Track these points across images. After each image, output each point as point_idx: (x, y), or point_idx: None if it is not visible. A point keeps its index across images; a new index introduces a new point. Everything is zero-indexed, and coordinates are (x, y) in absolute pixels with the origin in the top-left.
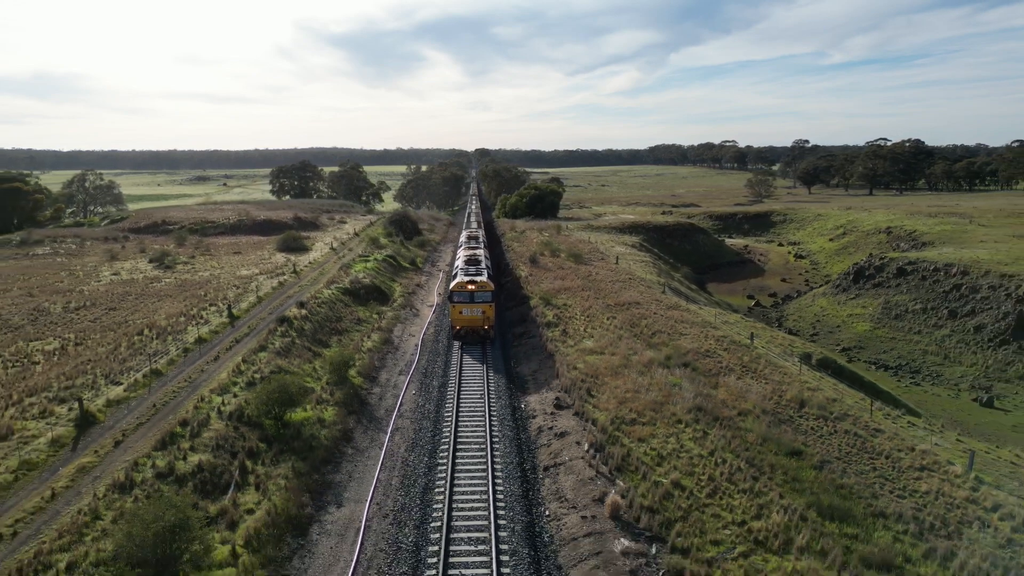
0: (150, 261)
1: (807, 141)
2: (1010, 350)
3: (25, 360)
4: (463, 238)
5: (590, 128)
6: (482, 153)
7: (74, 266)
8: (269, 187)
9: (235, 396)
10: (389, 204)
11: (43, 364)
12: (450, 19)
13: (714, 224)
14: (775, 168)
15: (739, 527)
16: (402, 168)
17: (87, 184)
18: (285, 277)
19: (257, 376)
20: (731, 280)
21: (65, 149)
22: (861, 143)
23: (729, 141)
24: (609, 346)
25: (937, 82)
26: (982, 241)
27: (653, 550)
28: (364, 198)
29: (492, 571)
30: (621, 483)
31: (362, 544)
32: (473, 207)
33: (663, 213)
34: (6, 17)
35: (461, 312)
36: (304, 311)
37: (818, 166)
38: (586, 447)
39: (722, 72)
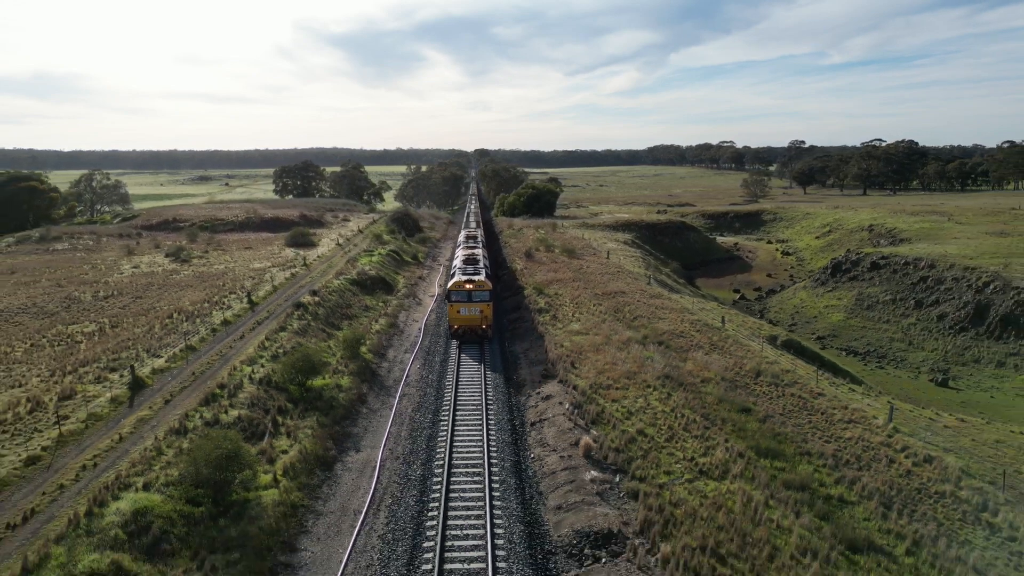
0: (166, 255)
1: (803, 142)
2: (967, 336)
3: (68, 340)
4: (461, 237)
5: (590, 128)
6: (481, 153)
7: (94, 260)
8: (271, 187)
9: (262, 366)
10: (390, 204)
11: (86, 343)
12: (450, 19)
13: (706, 223)
14: (772, 168)
15: (688, 462)
16: (402, 168)
17: (94, 184)
18: (296, 269)
19: (280, 351)
20: (719, 275)
21: (66, 149)
22: (860, 144)
23: (727, 142)
24: (593, 328)
25: (937, 82)
26: (956, 238)
27: (617, 479)
28: (365, 197)
29: (485, 494)
30: (595, 432)
31: (378, 477)
32: (472, 207)
33: (658, 212)
34: (6, 17)
35: (459, 311)
36: (317, 298)
37: (813, 166)
38: (567, 406)
39: (722, 72)
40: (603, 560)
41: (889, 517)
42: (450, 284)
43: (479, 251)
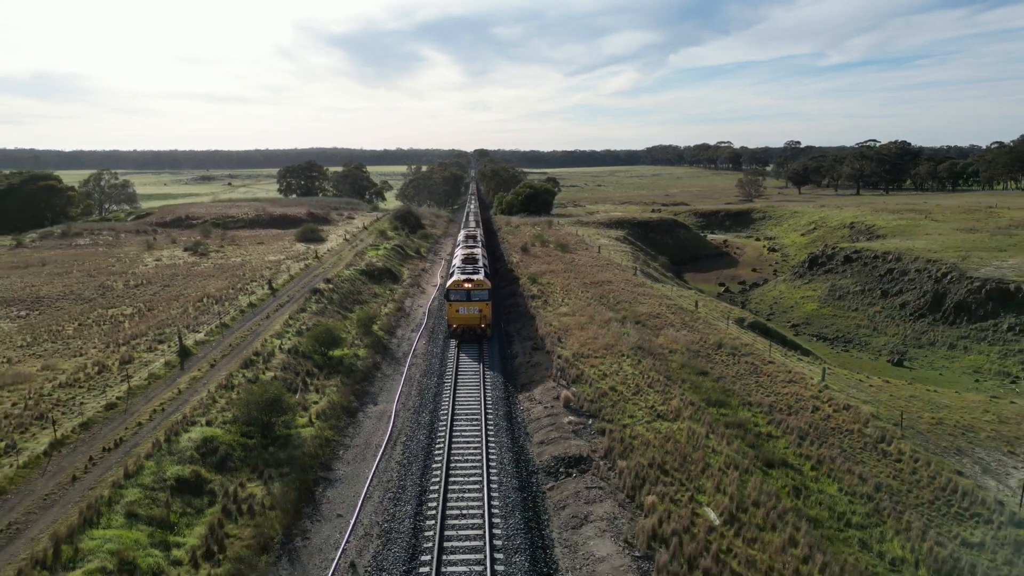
0: (185, 249)
1: (799, 142)
2: (925, 322)
3: (111, 321)
4: (461, 237)
5: (590, 128)
6: (481, 154)
7: (117, 254)
8: (274, 186)
9: (289, 339)
10: (391, 203)
11: (128, 323)
12: (450, 19)
13: (699, 221)
14: (769, 169)
15: (649, 409)
16: (402, 168)
17: (103, 183)
18: (309, 261)
19: (303, 327)
20: (707, 270)
21: (67, 149)
22: (855, 144)
23: (724, 142)
24: (579, 311)
25: (936, 83)
26: (928, 234)
27: (589, 421)
28: (367, 197)
29: (482, 433)
30: (574, 389)
31: (394, 422)
32: (472, 207)
33: (652, 211)
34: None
35: (458, 311)
36: (331, 286)
37: (808, 167)
38: (553, 371)
39: (722, 73)
40: (573, 475)
41: (803, 446)
42: (449, 283)
43: (478, 250)
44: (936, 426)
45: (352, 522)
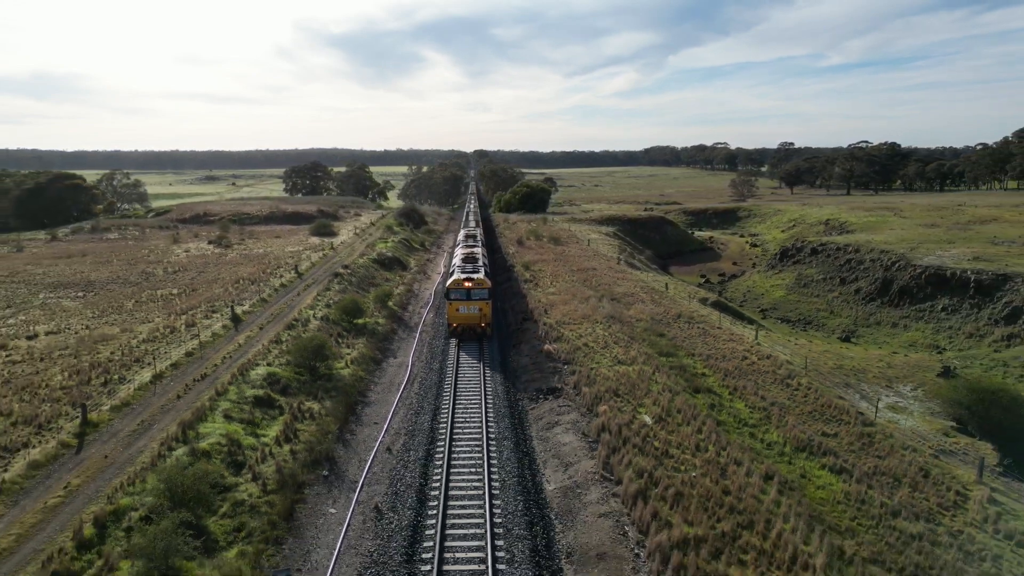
0: (209, 242)
1: (792, 143)
2: (874, 305)
3: (163, 298)
4: (461, 236)
5: (589, 129)
6: (480, 154)
7: (147, 246)
8: (277, 186)
9: (320, 311)
10: (393, 202)
11: (178, 300)
12: (450, 20)
13: (688, 219)
14: (764, 169)
15: (612, 357)
16: (403, 168)
17: (115, 183)
18: (325, 252)
19: (331, 302)
20: (691, 264)
21: (69, 149)
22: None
23: (721, 143)
24: (564, 291)
25: (936, 84)
26: (891, 229)
27: (565, 366)
28: (370, 196)
29: (480, 375)
30: (555, 345)
31: (411, 368)
32: (471, 206)
33: (645, 210)
34: (5, 17)
35: (458, 310)
36: (349, 271)
37: (801, 167)
38: (539, 333)
39: (721, 74)
40: (549, 399)
41: (726, 380)
42: (449, 282)
43: (478, 250)
44: (836, 370)
45: (385, 427)
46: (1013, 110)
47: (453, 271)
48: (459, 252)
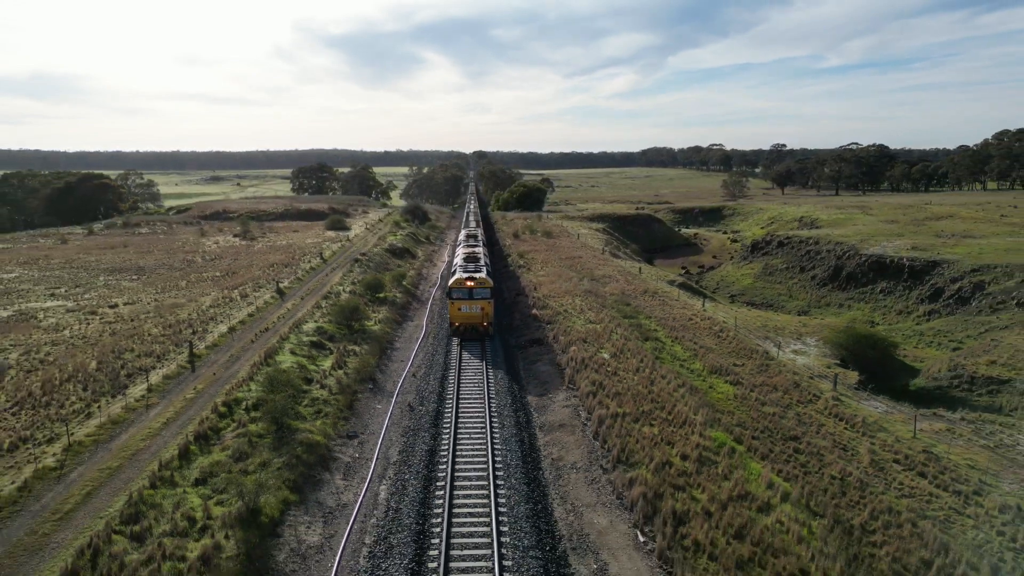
0: (234, 236)
1: (784, 145)
2: (826, 289)
3: (208, 280)
4: (462, 236)
5: (588, 130)
6: (480, 155)
7: (179, 239)
8: (281, 186)
9: (348, 286)
10: (396, 201)
11: (223, 280)
12: (449, 21)
13: (676, 217)
14: (758, 170)
15: (585, 319)
16: (403, 169)
17: (129, 183)
18: (342, 243)
19: (355, 280)
20: (675, 257)
21: (70, 150)
22: (839, 146)
23: (716, 145)
24: (552, 274)
25: (934, 85)
26: (855, 224)
27: (548, 325)
28: (374, 195)
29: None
30: (540, 310)
31: (426, 328)
32: (472, 206)
33: (637, 208)
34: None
35: (460, 309)
36: (366, 257)
37: (792, 168)
38: (529, 302)
39: (720, 75)
40: (534, 346)
41: (670, 333)
42: (451, 282)
43: (480, 249)
44: (761, 328)
45: (409, 363)
46: (1012, 111)
47: (455, 270)
48: (460, 251)
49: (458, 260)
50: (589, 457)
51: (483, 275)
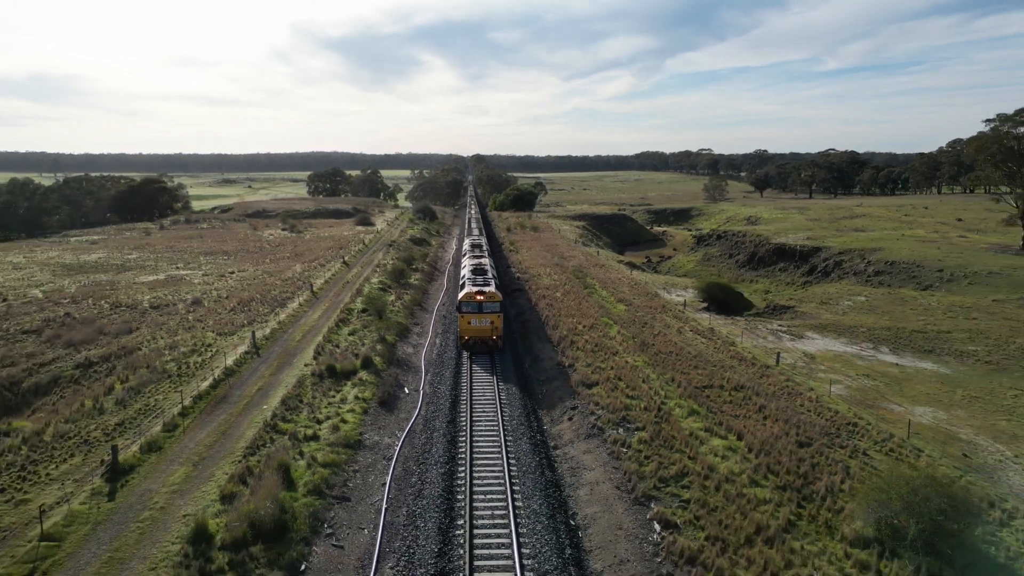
0: (283, 229)
1: (766, 150)
2: (744, 269)
3: (284, 258)
4: (466, 246)
5: (586, 133)
6: (478, 159)
7: (237, 232)
8: (289, 188)
9: (390, 261)
10: (402, 202)
11: (296, 258)
12: (447, 23)
13: (650, 216)
14: (743, 174)
15: (551, 278)
16: (405, 172)
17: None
18: (374, 235)
19: (395, 257)
20: (642, 249)
21: (76, 152)
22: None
23: (705, 149)
24: (533, 255)
25: (930, 89)
26: (785, 222)
27: (526, 283)
28: (382, 197)
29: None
30: (522, 275)
31: (446, 285)
32: (472, 211)
33: (620, 209)
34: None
35: (469, 323)
36: (396, 244)
37: (770, 173)
38: (514, 272)
39: (717, 78)
40: (518, 293)
41: (603, 287)
42: (460, 295)
43: (486, 260)
44: (664, 284)
45: (437, 305)
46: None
47: (463, 283)
48: (467, 263)
49: (465, 272)
50: (539, 327)
51: (492, 288)
